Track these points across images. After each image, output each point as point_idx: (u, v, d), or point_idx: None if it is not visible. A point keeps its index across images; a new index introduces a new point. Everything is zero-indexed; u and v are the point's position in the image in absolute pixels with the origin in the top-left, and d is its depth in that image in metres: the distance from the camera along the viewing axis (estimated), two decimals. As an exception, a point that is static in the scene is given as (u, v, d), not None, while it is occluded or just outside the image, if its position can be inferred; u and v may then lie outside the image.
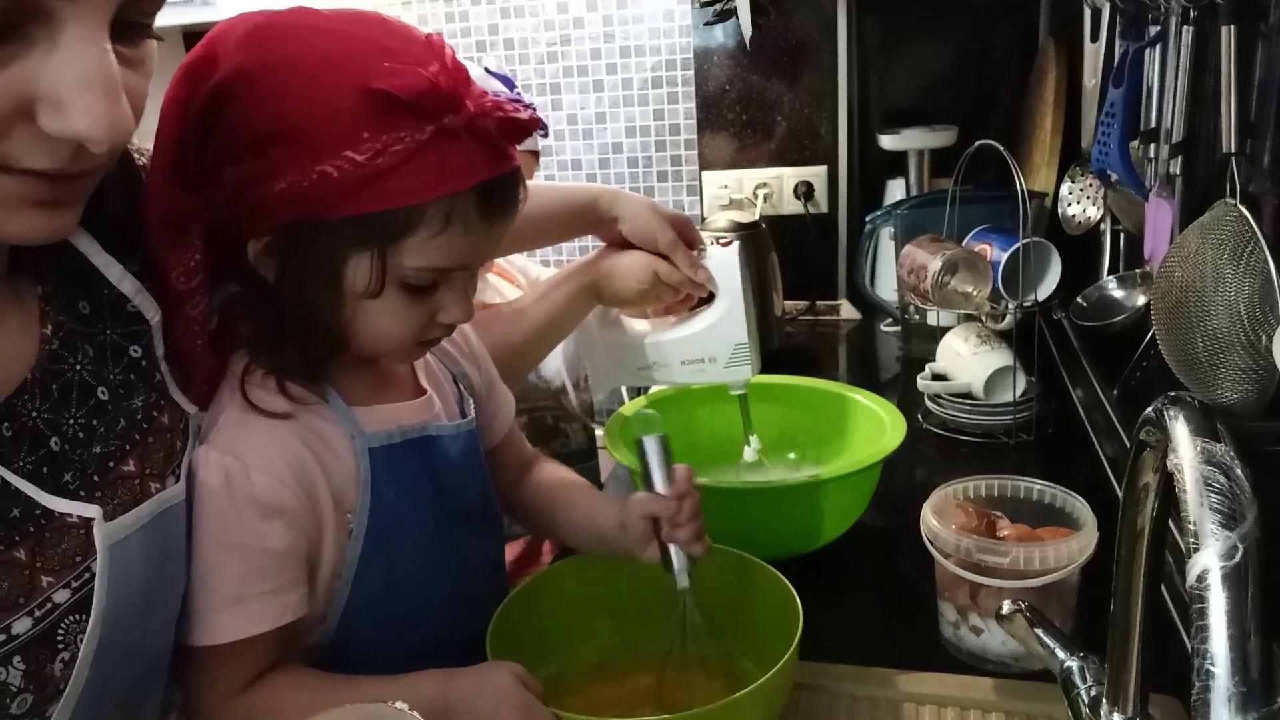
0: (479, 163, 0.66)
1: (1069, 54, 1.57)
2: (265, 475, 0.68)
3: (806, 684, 0.83)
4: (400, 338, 0.72)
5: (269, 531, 0.68)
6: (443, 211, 0.65)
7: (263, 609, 0.68)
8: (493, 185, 0.67)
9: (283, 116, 0.63)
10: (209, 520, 0.68)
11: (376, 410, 0.75)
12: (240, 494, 0.68)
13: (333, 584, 0.73)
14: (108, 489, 0.61)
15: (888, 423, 1.07)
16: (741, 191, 2.00)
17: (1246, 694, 0.38)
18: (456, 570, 0.79)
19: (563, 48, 2.10)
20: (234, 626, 0.68)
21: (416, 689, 0.70)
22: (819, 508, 1.01)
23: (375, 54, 0.63)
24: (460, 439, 0.81)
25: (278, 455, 0.69)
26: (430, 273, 0.69)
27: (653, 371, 1.08)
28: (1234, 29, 0.76)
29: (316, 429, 0.72)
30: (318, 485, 0.71)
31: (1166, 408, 0.49)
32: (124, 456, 0.63)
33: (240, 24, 0.67)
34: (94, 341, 0.64)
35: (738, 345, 1.03)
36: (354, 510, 0.73)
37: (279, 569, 0.69)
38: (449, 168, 0.64)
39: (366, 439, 0.73)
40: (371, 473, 0.73)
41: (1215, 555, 0.41)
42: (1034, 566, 0.80)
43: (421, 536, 0.76)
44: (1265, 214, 0.74)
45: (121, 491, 0.62)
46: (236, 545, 0.68)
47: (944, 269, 1.34)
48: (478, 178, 0.66)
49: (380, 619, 0.75)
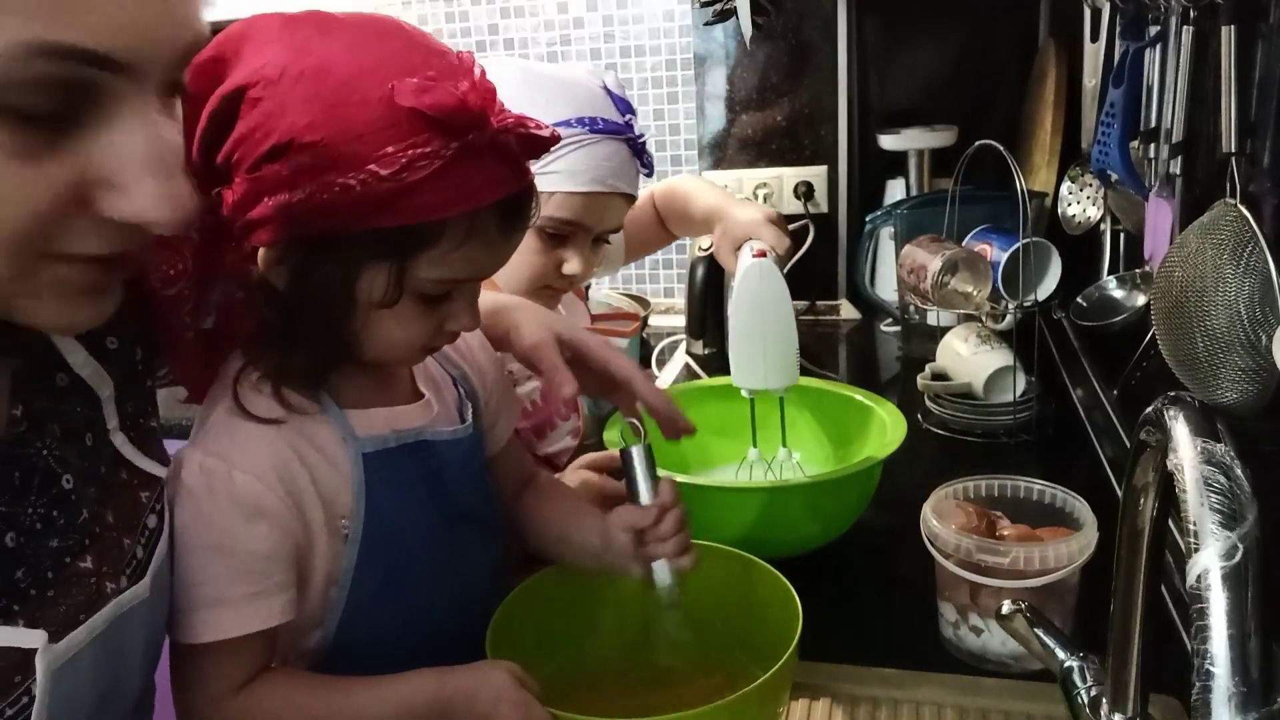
0: (501, 179, 0.66)
1: (1069, 54, 1.57)
2: (248, 476, 0.68)
3: (806, 684, 0.83)
4: (409, 345, 0.72)
5: (251, 533, 0.68)
6: (464, 227, 0.66)
7: (246, 611, 0.68)
8: (513, 200, 0.68)
9: (305, 127, 0.62)
10: (190, 521, 0.67)
11: (371, 414, 0.74)
12: (221, 495, 0.67)
13: (329, 590, 0.73)
14: (60, 587, 0.56)
15: (888, 423, 1.07)
16: (741, 191, 2.00)
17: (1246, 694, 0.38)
18: (456, 575, 0.79)
19: (563, 48, 2.10)
20: (216, 626, 0.67)
21: (413, 688, 0.70)
22: (819, 508, 1.02)
23: (400, 67, 0.63)
24: (460, 443, 0.80)
25: (262, 457, 0.69)
26: (447, 284, 0.69)
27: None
28: (1234, 29, 0.76)
29: (307, 432, 0.71)
30: (304, 489, 0.70)
31: (1166, 408, 0.49)
32: (81, 552, 0.58)
33: (260, 27, 0.66)
34: (62, 420, 0.59)
35: (741, 351, 1.06)
36: (348, 516, 0.72)
37: (263, 571, 0.68)
38: (473, 184, 0.64)
39: (361, 444, 0.72)
40: (366, 478, 0.72)
41: (1215, 555, 0.41)
42: (1034, 566, 0.80)
43: (419, 542, 0.76)
44: (1265, 214, 0.74)
45: (76, 591, 0.57)
46: (218, 546, 0.67)
47: (944, 269, 1.34)
48: (500, 193, 0.66)
49: (379, 625, 0.75)
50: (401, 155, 0.61)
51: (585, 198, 1.06)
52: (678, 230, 1.43)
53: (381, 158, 0.61)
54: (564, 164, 1.03)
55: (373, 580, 0.73)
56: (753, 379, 1.07)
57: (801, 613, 0.76)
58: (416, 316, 0.70)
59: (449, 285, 0.69)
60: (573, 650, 0.85)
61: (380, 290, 0.67)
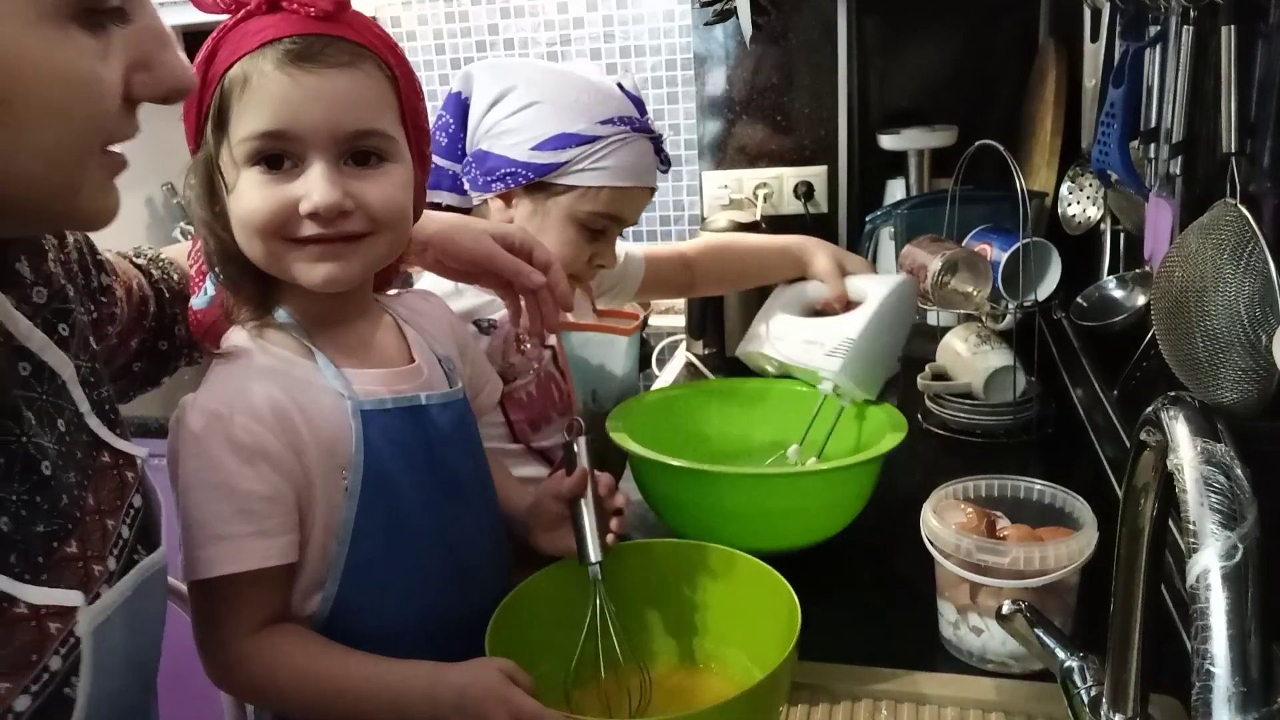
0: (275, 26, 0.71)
1: (1069, 54, 1.57)
2: (247, 419, 0.71)
3: (806, 684, 0.83)
4: (264, 223, 0.72)
5: (252, 474, 0.71)
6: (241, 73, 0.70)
7: (246, 548, 0.70)
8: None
9: None
10: (192, 463, 0.71)
11: (368, 374, 0.78)
12: (222, 437, 0.70)
13: (330, 544, 0.75)
14: (52, 572, 0.57)
15: (887, 423, 1.07)
16: (741, 191, 2.00)
17: (1246, 694, 0.38)
18: (453, 545, 0.81)
19: (563, 48, 2.10)
20: (219, 562, 0.70)
21: (408, 674, 0.72)
22: (816, 500, 1.01)
23: None
24: (450, 408, 0.82)
25: (262, 404, 0.72)
26: (266, 138, 0.70)
27: (779, 344, 1.18)
28: (1234, 29, 0.76)
29: (304, 381, 0.75)
30: (304, 435, 0.73)
31: (1166, 408, 0.49)
32: (66, 537, 0.59)
33: None
34: (34, 406, 0.60)
35: (847, 338, 1.12)
36: (348, 467, 0.74)
37: (264, 512, 0.71)
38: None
39: (359, 400, 0.75)
40: (365, 432, 0.75)
41: (1215, 555, 0.41)
42: (1034, 566, 0.80)
43: (416, 504, 0.78)
44: (1265, 214, 0.74)
45: (67, 575, 0.58)
46: (219, 485, 0.70)
47: (944, 269, 1.34)
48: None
49: (379, 587, 0.76)
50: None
51: (626, 192, 1.09)
52: (715, 287, 1.51)
53: None
54: (611, 160, 1.07)
55: (372, 536, 0.75)
56: (855, 377, 1.11)
57: (801, 613, 0.76)
58: (259, 188, 0.72)
59: (270, 141, 0.70)
60: (572, 649, 0.85)
61: (229, 176, 0.72)
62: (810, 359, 1.14)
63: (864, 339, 1.12)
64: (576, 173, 1.06)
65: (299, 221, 0.71)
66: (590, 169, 1.06)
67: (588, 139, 1.05)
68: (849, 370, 1.11)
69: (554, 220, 1.07)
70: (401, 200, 0.75)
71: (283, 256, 0.73)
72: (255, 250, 0.73)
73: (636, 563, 0.89)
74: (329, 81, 0.70)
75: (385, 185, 0.73)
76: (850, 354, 1.11)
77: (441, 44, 2.18)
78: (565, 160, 1.05)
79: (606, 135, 1.06)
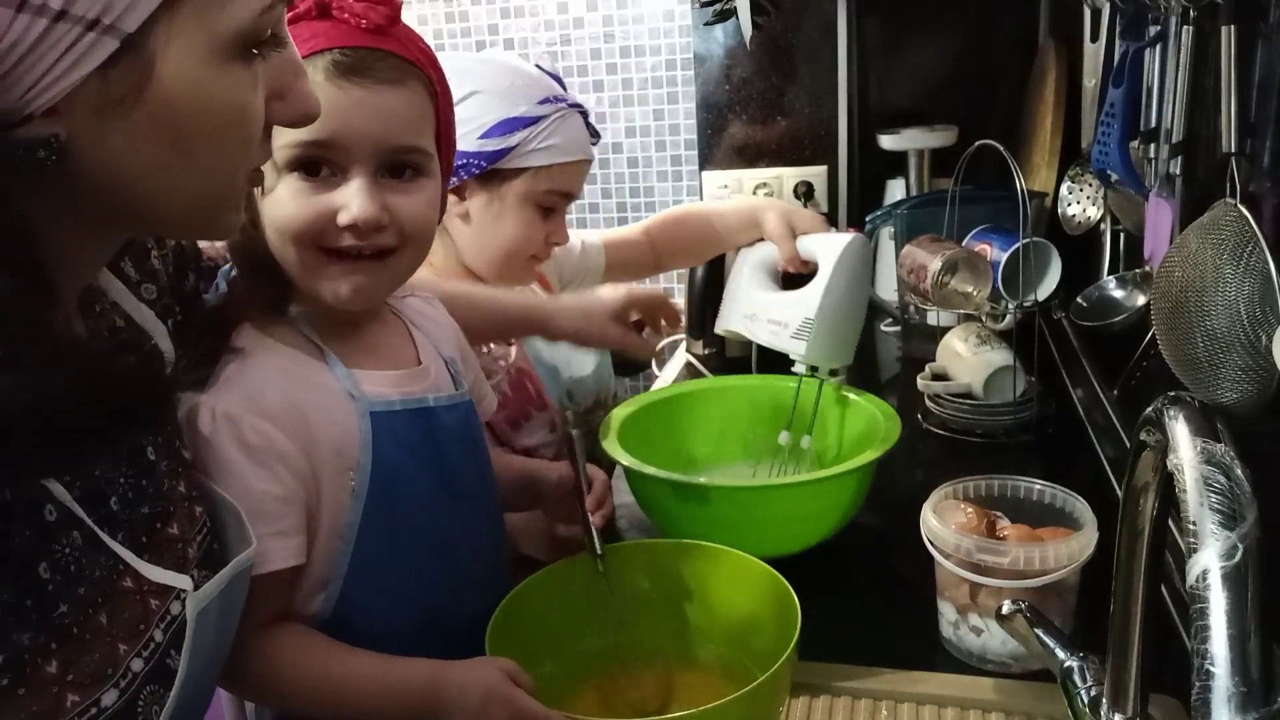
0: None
1: (1069, 54, 1.57)
2: (260, 420, 0.71)
3: (806, 684, 0.83)
4: (300, 230, 0.72)
5: (265, 476, 0.70)
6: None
7: (266, 549, 0.70)
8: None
9: None
10: (207, 465, 0.70)
11: (377, 375, 0.78)
12: (236, 439, 0.70)
13: (334, 544, 0.75)
14: (153, 551, 0.60)
15: (883, 423, 1.07)
16: (741, 191, 2.00)
17: (1246, 694, 0.38)
18: (455, 547, 0.81)
19: (563, 48, 2.10)
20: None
21: (410, 675, 0.72)
22: (810, 508, 1.01)
23: None
24: (456, 410, 0.82)
25: (273, 403, 0.72)
26: (310, 146, 0.70)
27: (750, 323, 1.19)
28: (1234, 29, 0.76)
29: (315, 382, 0.75)
30: (314, 434, 0.73)
31: (1166, 408, 0.49)
32: (168, 519, 0.62)
33: None
34: None
35: (806, 319, 1.12)
36: (355, 469, 0.74)
37: (278, 513, 0.71)
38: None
39: (368, 401, 0.75)
40: (374, 434, 0.75)
41: (1215, 555, 0.41)
42: (1034, 566, 0.80)
43: (421, 506, 0.78)
44: (1265, 214, 0.74)
45: (167, 555, 0.61)
46: (233, 487, 0.70)
47: (944, 269, 1.34)
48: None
49: (382, 589, 0.76)
50: None
51: (574, 165, 1.13)
52: (680, 259, 1.51)
53: None
54: (555, 138, 1.10)
55: (376, 538, 0.75)
56: (825, 354, 1.12)
57: (801, 613, 0.76)
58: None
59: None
60: (572, 649, 0.86)
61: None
62: (778, 342, 1.15)
63: (823, 314, 1.13)
64: (527, 154, 1.08)
65: (336, 232, 0.72)
66: (539, 148, 1.09)
67: (532, 120, 1.08)
68: (816, 349, 1.13)
69: (510, 205, 1.10)
70: (430, 216, 0.77)
71: (314, 268, 0.73)
72: (288, 256, 0.73)
73: (638, 562, 0.89)
74: (378, 96, 0.71)
75: (419, 200, 0.75)
76: (813, 334, 1.12)
77: (441, 44, 2.18)
78: (515, 144, 1.07)
79: (548, 114, 1.09)
